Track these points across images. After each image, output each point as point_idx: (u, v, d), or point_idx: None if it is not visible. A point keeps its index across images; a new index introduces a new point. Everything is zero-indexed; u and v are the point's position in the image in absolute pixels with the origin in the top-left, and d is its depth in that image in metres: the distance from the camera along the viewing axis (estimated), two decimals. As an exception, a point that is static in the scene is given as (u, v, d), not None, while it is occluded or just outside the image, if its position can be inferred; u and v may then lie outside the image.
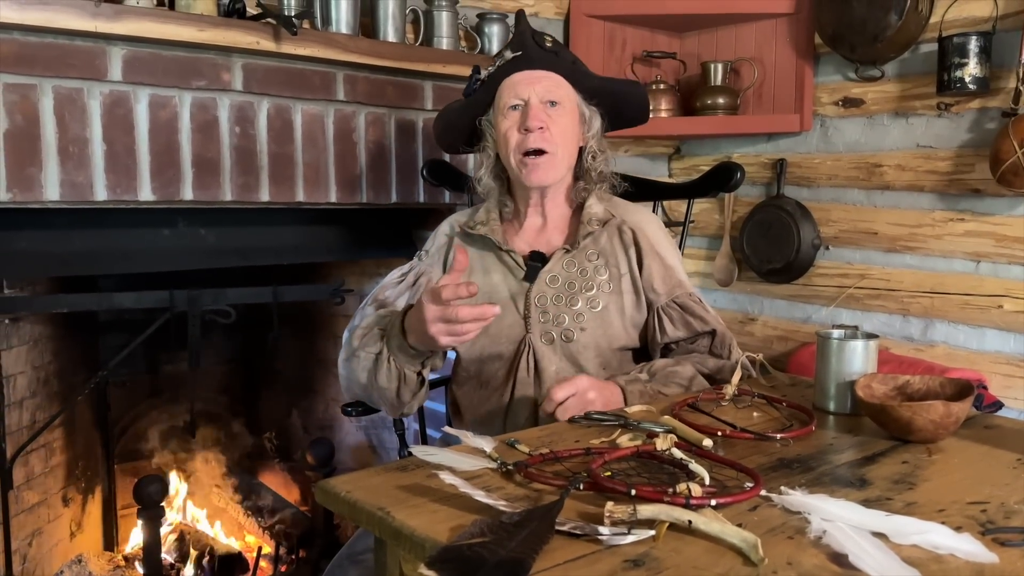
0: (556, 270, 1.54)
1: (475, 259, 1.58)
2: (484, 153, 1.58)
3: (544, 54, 1.51)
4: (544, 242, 1.59)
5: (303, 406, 2.80)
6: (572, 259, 1.55)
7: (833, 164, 2.53)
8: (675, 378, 1.45)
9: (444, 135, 1.68)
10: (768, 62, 2.61)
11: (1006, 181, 2.01)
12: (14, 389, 1.99)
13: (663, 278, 1.55)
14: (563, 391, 1.31)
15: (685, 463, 0.95)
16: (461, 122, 1.62)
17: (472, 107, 1.59)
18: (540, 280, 1.53)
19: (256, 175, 1.94)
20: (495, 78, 1.54)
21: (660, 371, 1.47)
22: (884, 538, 0.78)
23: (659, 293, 1.54)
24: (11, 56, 1.61)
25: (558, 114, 1.50)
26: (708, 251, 2.88)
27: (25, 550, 2.03)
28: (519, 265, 1.55)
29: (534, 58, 1.51)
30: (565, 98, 1.52)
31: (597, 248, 1.56)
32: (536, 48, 1.51)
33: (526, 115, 1.48)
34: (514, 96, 1.51)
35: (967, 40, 2.08)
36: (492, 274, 1.57)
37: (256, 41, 1.82)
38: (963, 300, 2.26)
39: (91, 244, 1.91)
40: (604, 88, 1.58)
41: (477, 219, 1.60)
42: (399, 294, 1.59)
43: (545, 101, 1.50)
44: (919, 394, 1.19)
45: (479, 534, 0.78)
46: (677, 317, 1.54)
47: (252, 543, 2.58)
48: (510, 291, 1.55)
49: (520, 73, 1.51)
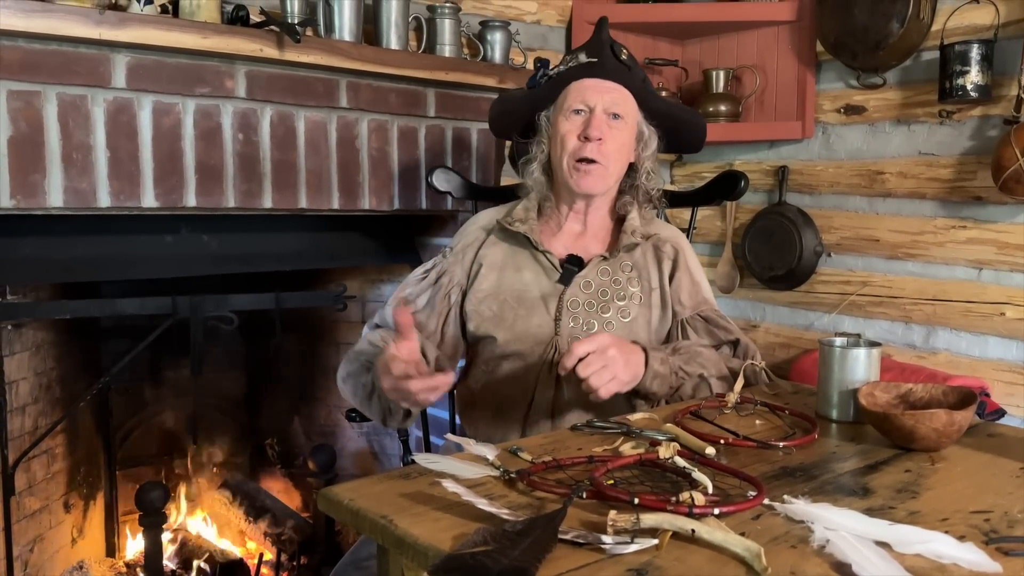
0: (591, 276, 1.55)
1: (507, 256, 1.58)
2: (538, 147, 1.59)
3: (618, 66, 1.51)
4: (581, 248, 1.59)
5: (305, 412, 2.79)
6: (607, 267, 1.56)
7: (835, 171, 2.53)
8: (699, 358, 1.47)
9: (499, 120, 1.69)
10: (770, 69, 2.62)
11: (1008, 189, 2.01)
12: (16, 395, 1.99)
13: (690, 293, 1.58)
14: (584, 346, 1.28)
15: (688, 471, 0.95)
16: (520, 111, 1.62)
17: (534, 100, 1.59)
18: (574, 284, 1.53)
19: (259, 182, 1.94)
20: (564, 78, 1.53)
21: (685, 349, 1.48)
22: (887, 547, 0.78)
23: (685, 306, 1.57)
24: (15, 63, 1.62)
25: (618, 128, 1.51)
26: (710, 258, 2.88)
27: (27, 556, 2.03)
28: (554, 267, 1.55)
29: (608, 68, 1.50)
30: (628, 113, 1.53)
31: (632, 260, 1.57)
32: (612, 58, 1.51)
33: (589, 123, 1.49)
34: (580, 101, 1.51)
35: (969, 48, 2.09)
36: (524, 272, 1.56)
37: (259, 48, 1.82)
38: (965, 307, 2.26)
39: (94, 251, 1.91)
40: (667, 112, 1.60)
41: (515, 216, 1.59)
42: (421, 291, 1.59)
43: (609, 112, 1.50)
44: (922, 402, 1.19)
45: (482, 542, 0.78)
46: (701, 328, 1.56)
47: (253, 550, 2.58)
48: (541, 291, 1.54)
49: (591, 80, 1.51)
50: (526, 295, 1.54)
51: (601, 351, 1.29)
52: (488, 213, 1.68)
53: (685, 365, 1.44)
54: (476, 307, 1.55)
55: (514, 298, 1.54)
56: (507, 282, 1.55)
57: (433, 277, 1.61)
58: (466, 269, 1.61)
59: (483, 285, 1.56)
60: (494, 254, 1.59)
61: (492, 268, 1.57)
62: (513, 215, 1.59)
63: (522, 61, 2.41)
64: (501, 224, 1.59)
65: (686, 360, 1.45)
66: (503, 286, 1.55)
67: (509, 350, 1.53)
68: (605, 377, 1.29)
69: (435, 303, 1.58)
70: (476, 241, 1.62)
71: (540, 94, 1.57)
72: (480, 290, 1.56)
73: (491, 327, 1.53)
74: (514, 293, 1.54)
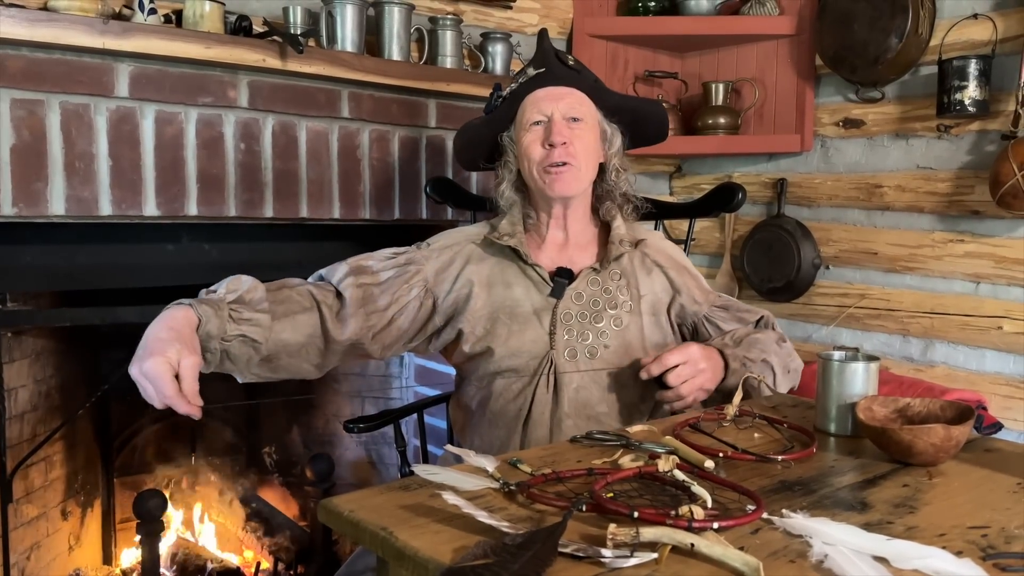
0: (581, 287, 1.55)
1: (495, 272, 1.56)
2: (506, 168, 1.59)
3: (567, 71, 1.53)
4: (567, 259, 1.58)
5: (303, 421, 2.79)
6: (597, 278, 1.56)
7: (833, 184, 2.54)
8: (758, 344, 1.52)
9: (464, 151, 1.68)
10: (769, 82, 2.63)
11: (1005, 203, 2.02)
12: (15, 402, 1.99)
13: (700, 288, 1.63)
14: (675, 357, 1.38)
15: (687, 485, 0.95)
16: (482, 138, 1.62)
17: (493, 123, 1.59)
18: (566, 297, 1.53)
19: (260, 191, 1.95)
20: (518, 95, 1.54)
21: (744, 338, 1.53)
22: (885, 563, 0.79)
23: (700, 303, 1.61)
24: (19, 72, 1.62)
25: (581, 130, 1.51)
26: (709, 269, 2.89)
27: (24, 564, 2.02)
28: (544, 280, 1.54)
29: (558, 75, 1.52)
30: (587, 115, 1.53)
31: (620, 269, 1.58)
32: (559, 65, 1.53)
33: (550, 130, 1.49)
34: (537, 112, 1.51)
35: (967, 63, 2.10)
36: (514, 288, 1.55)
37: (262, 59, 1.83)
38: (963, 321, 2.26)
39: (96, 259, 1.92)
40: (624, 106, 1.60)
41: (503, 230, 1.57)
42: (384, 268, 1.53)
43: (568, 117, 1.51)
44: (919, 417, 1.19)
45: (482, 555, 0.78)
46: (727, 317, 1.61)
47: (250, 558, 2.57)
48: (533, 305, 1.53)
49: (543, 90, 1.52)
50: (518, 310, 1.53)
51: (693, 363, 1.39)
52: (476, 227, 1.65)
53: (747, 352, 1.49)
54: (471, 327, 1.53)
55: (507, 314, 1.53)
56: (498, 299, 1.54)
57: (402, 260, 1.55)
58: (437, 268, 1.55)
59: (476, 304, 1.54)
60: (481, 272, 1.56)
61: (482, 287, 1.55)
62: (500, 229, 1.57)
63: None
64: (489, 239, 1.57)
65: (747, 348, 1.50)
66: (494, 303, 1.54)
67: (504, 366, 1.52)
68: (695, 386, 1.39)
69: (393, 284, 1.51)
70: (459, 252, 1.57)
71: (499, 116, 1.57)
72: (474, 309, 1.53)
73: (485, 344, 1.52)
74: (506, 309, 1.53)
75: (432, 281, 1.55)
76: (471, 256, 1.57)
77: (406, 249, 1.59)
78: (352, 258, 1.55)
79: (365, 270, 1.52)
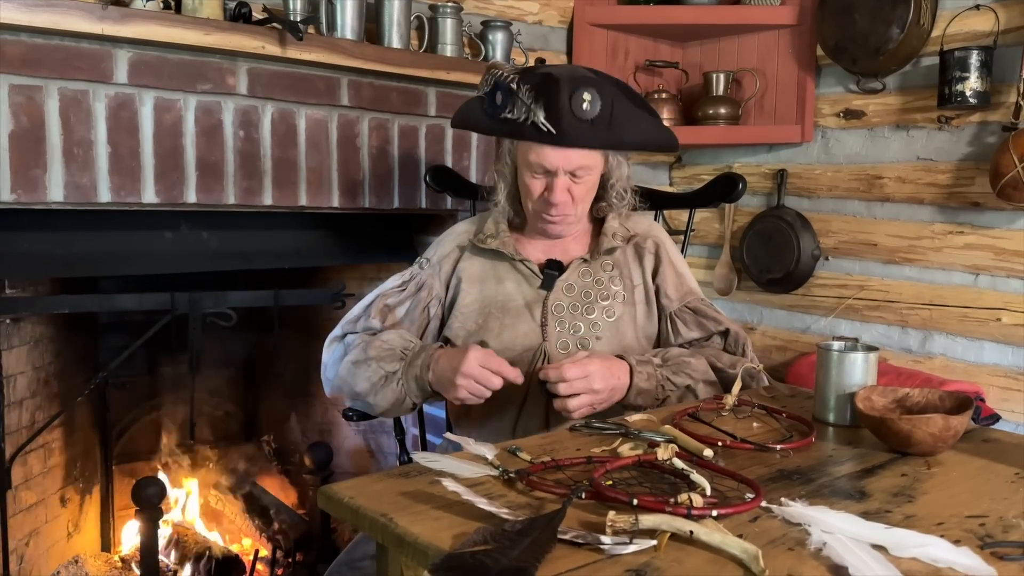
0: (572, 279, 1.55)
1: (486, 268, 1.58)
2: (502, 177, 1.57)
3: (580, 127, 1.40)
4: (560, 251, 1.59)
5: (302, 410, 2.80)
6: (588, 269, 1.56)
7: (834, 175, 2.54)
8: (686, 368, 1.47)
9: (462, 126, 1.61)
10: (770, 73, 2.63)
11: (1006, 195, 2.02)
12: (14, 389, 1.99)
13: (676, 285, 1.59)
14: (573, 371, 1.34)
15: (686, 473, 0.96)
16: (483, 127, 1.56)
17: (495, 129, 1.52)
18: (557, 288, 1.54)
19: (259, 179, 1.94)
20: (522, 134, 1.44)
21: (674, 359, 1.48)
22: (884, 551, 0.79)
23: (671, 299, 1.58)
24: (17, 58, 1.62)
25: (584, 178, 1.48)
26: (708, 260, 2.89)
27: (22, 550, 2.03)
28: (535, 273, 1.55)
29: (569, 135, 1.40)
30: (594, 164, 1.49)
31: (612, 259, 1.58)
32: (572, 120, 1.39)
33: (552, 188, 1.46)
34: (540, 164, 1.45)
35: (968, 54, 2.09)
36: (505, 283, 1.57)
37: (261, 46, 1.83)
38: (962, 312, 2.27)
39: (94, 246, 1.91)
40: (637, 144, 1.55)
41: (486, 232, 1.58)
42: (400, 302, 1.59)
43: (572, 172, 1.46)
44: (918, 407, 1.20)
45: (482, 542, 0.78)
46: (691, 319, 1.57)
47: (249, 546, 2.58)
48: (525, 299, 1.55)
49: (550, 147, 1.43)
50: (510, 304, 1.54)
51: (589, 381, 1.35)
52: (461, 229, 1.66)
53: (673, 376, 1.45)
54: (462, 323, 1.55)
55: (498, 309, 1.54)
56: (489, 294, 1.56)
57: (412, 288, 1.60)
58: (444, 281, 1.61)
59: (466, 300, 1.56)
60: (472, 268, 1.58)
61: (472, 282, 1.57)
62: (484, 231, 1.58)
63: (523, 61, 2.42)
64: (473, 243, 1.59)
65: (674, 370, 1.46)
66: (486, 298, 1.55)
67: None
68: (583, 403, 1.36)
69: (414, 315, 1.59)
70: (452, 254, 1.62)
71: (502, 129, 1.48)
72: (464, 305, 1.56)
73: (477, 339, 1.53)
74: (498, 304, 1.54)
75: (440, 293, 1.61)
76: (462, 255, 1.61)
77: (411, 273, 1.63)
78: (371, 303, 1.59)
79: (390, 310, 1.58)
